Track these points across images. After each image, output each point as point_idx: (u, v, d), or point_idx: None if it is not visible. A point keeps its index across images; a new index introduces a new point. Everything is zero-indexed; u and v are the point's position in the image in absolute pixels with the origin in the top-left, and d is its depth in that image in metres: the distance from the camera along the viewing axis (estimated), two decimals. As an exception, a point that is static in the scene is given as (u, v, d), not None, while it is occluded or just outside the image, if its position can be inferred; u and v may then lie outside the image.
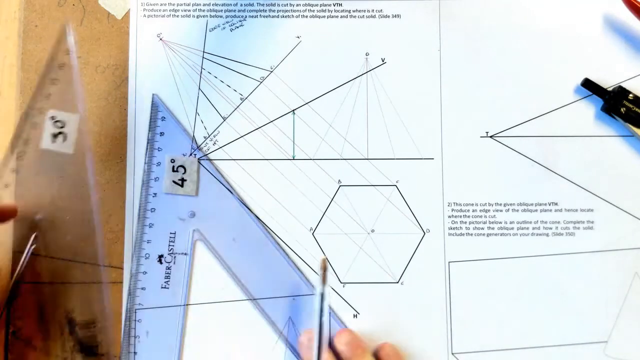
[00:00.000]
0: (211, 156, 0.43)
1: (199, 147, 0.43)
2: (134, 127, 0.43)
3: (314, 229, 0.42)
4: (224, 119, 0.43)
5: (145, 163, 0.42)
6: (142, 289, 0.41)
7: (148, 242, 0.42)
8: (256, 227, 0.42)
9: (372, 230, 0.42)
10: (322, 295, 0.39)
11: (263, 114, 0.43)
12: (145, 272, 0.42)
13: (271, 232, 0.42)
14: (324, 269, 0.40)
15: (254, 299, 0.41)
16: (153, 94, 0.43)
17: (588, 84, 0.42)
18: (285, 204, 0.43)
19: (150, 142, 0.43)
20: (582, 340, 0.41)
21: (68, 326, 0.41)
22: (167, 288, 0.41)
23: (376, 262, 0.42)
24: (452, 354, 0.41)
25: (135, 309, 0.41)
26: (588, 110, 0.43)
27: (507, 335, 0.42)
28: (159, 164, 0.42)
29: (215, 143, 0.43)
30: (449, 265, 0.42)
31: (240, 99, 0.43)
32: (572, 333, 0.41)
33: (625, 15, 0.43)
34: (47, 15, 0.44)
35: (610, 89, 0.43)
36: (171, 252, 0.42)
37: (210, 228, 0.42)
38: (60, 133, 0.40)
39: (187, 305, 0.41)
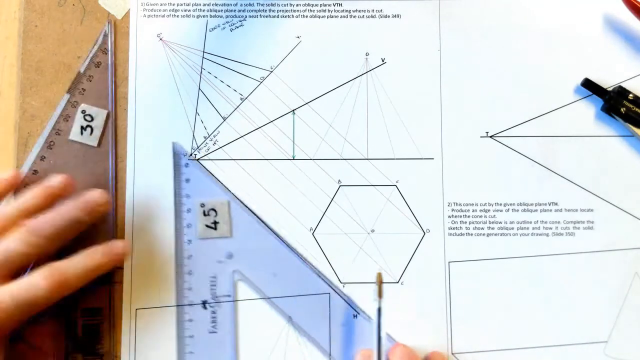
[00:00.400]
0: (211, 156, 0.43)
1: (199, 147, 0.43)
2: (134, 127, 0.43)
3: (314, 229, 0.42)
4: (224, 119, 0.43)
5: (174, 212, 0.42)
6: (191, 337, 0.41)
7: (189, 289, 0.41)
8: (294, 258, 0.42)
9: (372, 230, 0.42)
10: (379, 310, 0.38)
11: (263, 114, 0.43)
12: (192, 320, 0.41)
13: (310, 261, 0.42)
14: (380, 283, 0.40)
15: (303, 331, 0.41)
16: (173, 142, 0.43)
17: (588, 84, 0.42)
18: (285, 204, 0.43)
19: (177, 190, 0.42)
20: (582, 340, 0.41)
21: (69, 325, 0.41)
22: (215, 332, 0.41)
23: (376, 262, 0.42)
24: (452, 354, 0.41)
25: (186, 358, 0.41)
26: (588, 110, 0.43)
27: (507, 335, 0.42)
28: (189, 210, 0.42)
29: (215, 143, 0.43)
30: (449, 265, 0.42)
31: (240, 99, 0.43)
32: (572, 333, 0.41)
33: (625, 15, 0.43)
34: (47, 15, 0.44)
35: (610, 89, 0.43)
36: (214, 296, 0.41)
37: (249, 267, 0.42)
38: (88, 126, 0.42)
39: (236, 347, 0.41)
